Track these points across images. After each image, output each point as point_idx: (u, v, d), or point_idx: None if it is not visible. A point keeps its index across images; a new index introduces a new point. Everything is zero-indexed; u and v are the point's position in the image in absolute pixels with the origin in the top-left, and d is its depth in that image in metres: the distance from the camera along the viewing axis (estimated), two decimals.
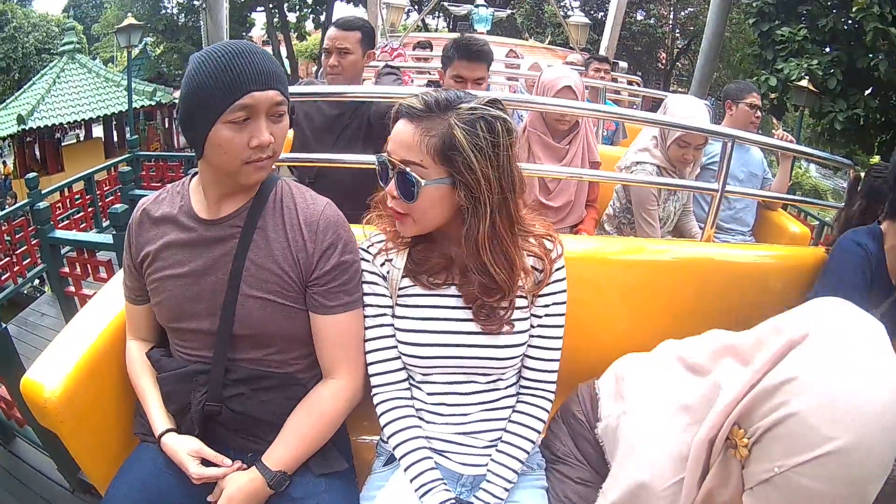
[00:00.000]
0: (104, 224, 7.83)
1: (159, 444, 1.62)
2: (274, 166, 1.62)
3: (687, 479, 1.33)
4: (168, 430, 1.63)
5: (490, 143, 1.47)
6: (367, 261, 1.68)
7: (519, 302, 1.65)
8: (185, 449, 1.58)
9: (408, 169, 1.49)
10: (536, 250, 1.64)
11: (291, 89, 1.57)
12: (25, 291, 6.37)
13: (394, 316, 1.68)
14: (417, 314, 1.66)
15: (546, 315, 1.70)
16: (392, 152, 1.53)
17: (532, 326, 1.69)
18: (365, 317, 1.68)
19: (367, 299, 1.68)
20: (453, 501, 1.55)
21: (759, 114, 3.94)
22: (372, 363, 1.69)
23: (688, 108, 3.18)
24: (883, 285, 2.01)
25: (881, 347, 1.12)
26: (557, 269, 1.68)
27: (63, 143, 21.18)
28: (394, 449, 1.64)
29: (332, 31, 3.14)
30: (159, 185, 8.85)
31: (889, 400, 1.05)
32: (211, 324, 1.60)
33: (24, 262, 6.07)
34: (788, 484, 1.09)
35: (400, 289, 1.67)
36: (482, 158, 1.46)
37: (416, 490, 1.57)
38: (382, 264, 1.67)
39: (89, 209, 7.86)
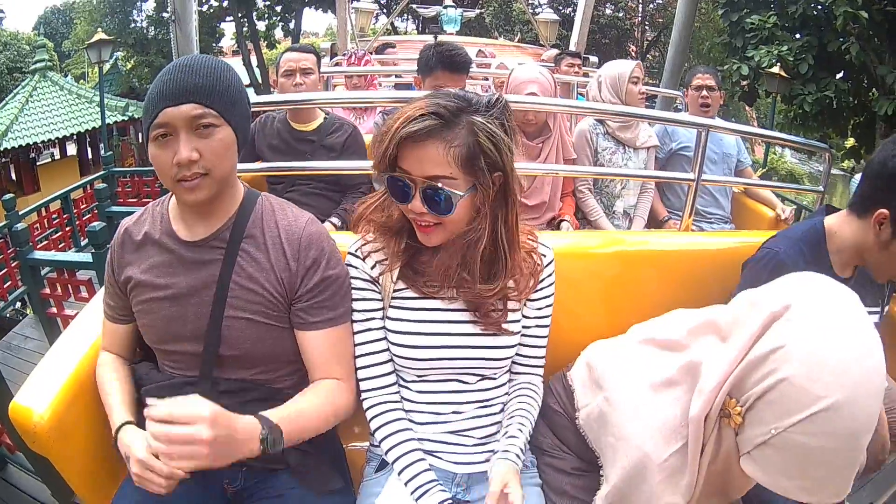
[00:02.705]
0: (82, 243, 7.76)
1: (116, 441, 1.52)
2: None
3: (690, 458, 1.38)
4: (126, 423, 1.54)
5: (504, 143, 1.48)
6: (356, 267, 1.67)
7: (512, 304, 1.67)
8: (141, 447, 1.40)
9: (439, 184, 1.46)
10: (529, 254, 1.68)
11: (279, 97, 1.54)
12: (8, 315, 6.30)
13: (386, 318, 1.67)
14: (413, 316, 1.65)
15: (536, 316, 1.74)
16: (410, 170, 1.48)
17: (523, 327, 1.72)
18: (353, 321, 1.67)
19: (355, 304, 1.67)
20: (450, 502, 1.55)
21: (705, 93, 3.97)
22: (361, 367, 1.68)
23: (615, 63, 3.70)
24: None
25: (857, 312, 1.21)
26: (549, 275, 1.73)
27: (38, 163, 21.00)
28: (386, 453, 1.64)
29: (291, 55, 3.43)
30: (135, 200, 8.83)
31: (871, 359, 1.15)
32: (197, 345, 1.59)
33: (4, 286, 6.01)
34: (785, 443, 1.17)
35: (395, 291, 1.67)
36: (500, 159, 1.48)
37: (412, 493, 1.57)
38: (373, 267, 1.66)
39: (67, 228, 7.79)
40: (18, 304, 6.47)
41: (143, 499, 1.59)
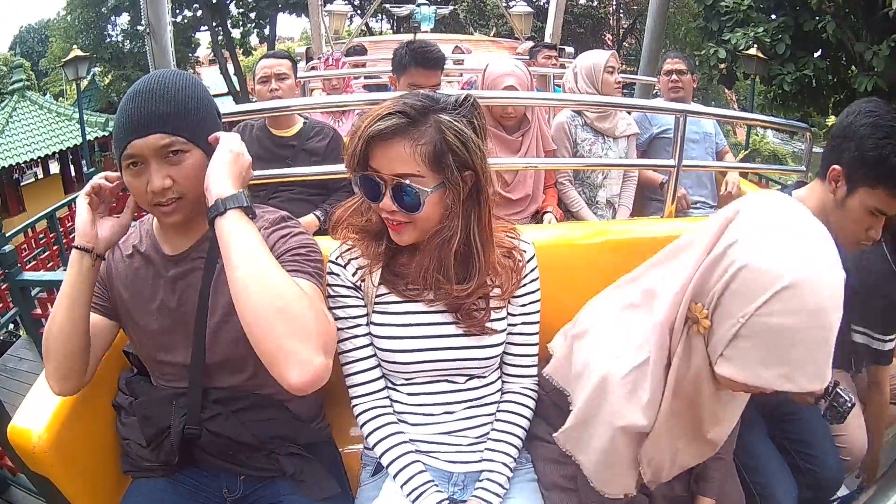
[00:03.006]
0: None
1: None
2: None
3: (653, 367, 1.41)
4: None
5: (472, 141, 1.49)
6: (337, 274, 1.66)
7: (496, 302, 1.67)
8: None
9: (406, 182, 1.47)
10: (510, 251, 1.68)
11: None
12: (1, 338, 6.29)
13: (371, 323, 1.67)
14: (397, 320, 1.66)
15: (522, 314, 1.73)
16: (380, 169, 1.49)
17: (510, 325, 1.72)
18: (338, 329, 1.65)
19: (339, 311, 1.66)
20: (447, 502, 1.57)
21: (675, 77, 4.07)
22: (349, 374, 1.69)
23: (590, 54, 3.70)
24: None
25: (803, 209, 1.27)
26: (531, 270, 1.72)
27: (22, 183, 20.91)
28: (380, 457, 1.65)
29: (265, 61, 3.50)
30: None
31: (822, 238, 1.22)
32: (187, 355, 1.60)
33: None
34: (755, 329, 1.21)
35: (377, 296, 1.67)
36: (469, 158, 1.48)
37: (408, 495, 1.58)
38: (354, 273, 1.65)
39: (54, 247, 7.77)
40: (11, 326, 6.44)
41: None
